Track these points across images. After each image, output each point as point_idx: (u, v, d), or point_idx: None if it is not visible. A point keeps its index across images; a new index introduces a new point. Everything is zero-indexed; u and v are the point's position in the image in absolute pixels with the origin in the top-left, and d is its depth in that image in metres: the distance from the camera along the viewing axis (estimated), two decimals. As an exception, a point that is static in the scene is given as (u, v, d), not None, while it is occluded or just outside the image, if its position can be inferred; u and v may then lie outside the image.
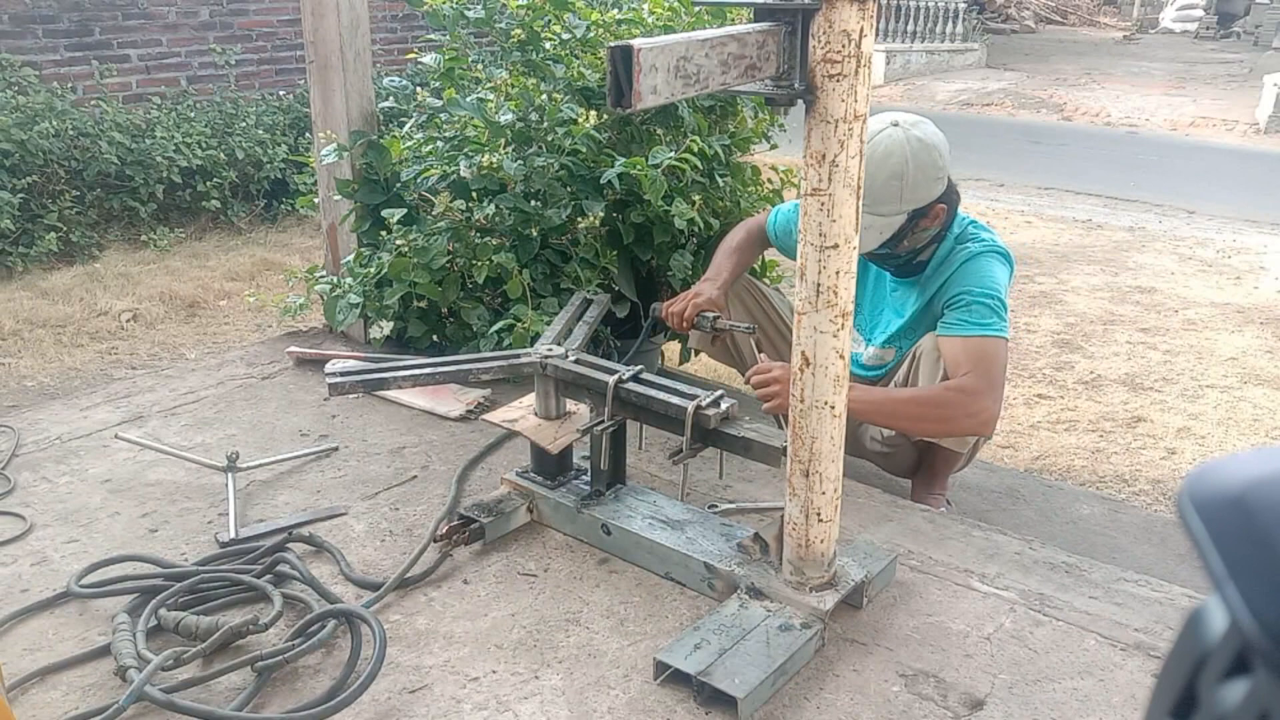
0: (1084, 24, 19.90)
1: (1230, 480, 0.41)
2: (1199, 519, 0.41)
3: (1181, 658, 0.44)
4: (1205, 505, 0.42)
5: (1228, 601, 0.40)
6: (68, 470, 2.44)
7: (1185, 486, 0.43)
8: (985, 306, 2.23)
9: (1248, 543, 0.40)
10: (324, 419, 2.73)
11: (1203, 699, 0.42)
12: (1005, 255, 2.36)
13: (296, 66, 6.55)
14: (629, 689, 1.71)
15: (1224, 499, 0.41)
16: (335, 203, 3.14)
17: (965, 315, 2.24)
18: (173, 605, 1.85)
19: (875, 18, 1.52)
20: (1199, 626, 0.43)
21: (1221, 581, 0.40)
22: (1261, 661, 0.39)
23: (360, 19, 3.09)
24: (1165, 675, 0.45)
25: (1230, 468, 0.42)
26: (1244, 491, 0.41)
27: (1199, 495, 0.42)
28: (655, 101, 1.34)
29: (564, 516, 2.15)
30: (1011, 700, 1.70)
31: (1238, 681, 0.40)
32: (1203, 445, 3.40)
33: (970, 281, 2.28)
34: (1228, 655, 0.41)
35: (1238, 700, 0.40)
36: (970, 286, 2.27)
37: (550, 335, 2.23)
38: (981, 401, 2.15)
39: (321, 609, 1.83)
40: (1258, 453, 0.43)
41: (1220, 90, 11.85)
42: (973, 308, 2.23)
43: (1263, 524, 0.40)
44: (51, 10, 5.54)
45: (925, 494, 2.51)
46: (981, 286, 2.26)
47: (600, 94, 2.91)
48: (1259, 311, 4.79)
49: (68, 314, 4.29)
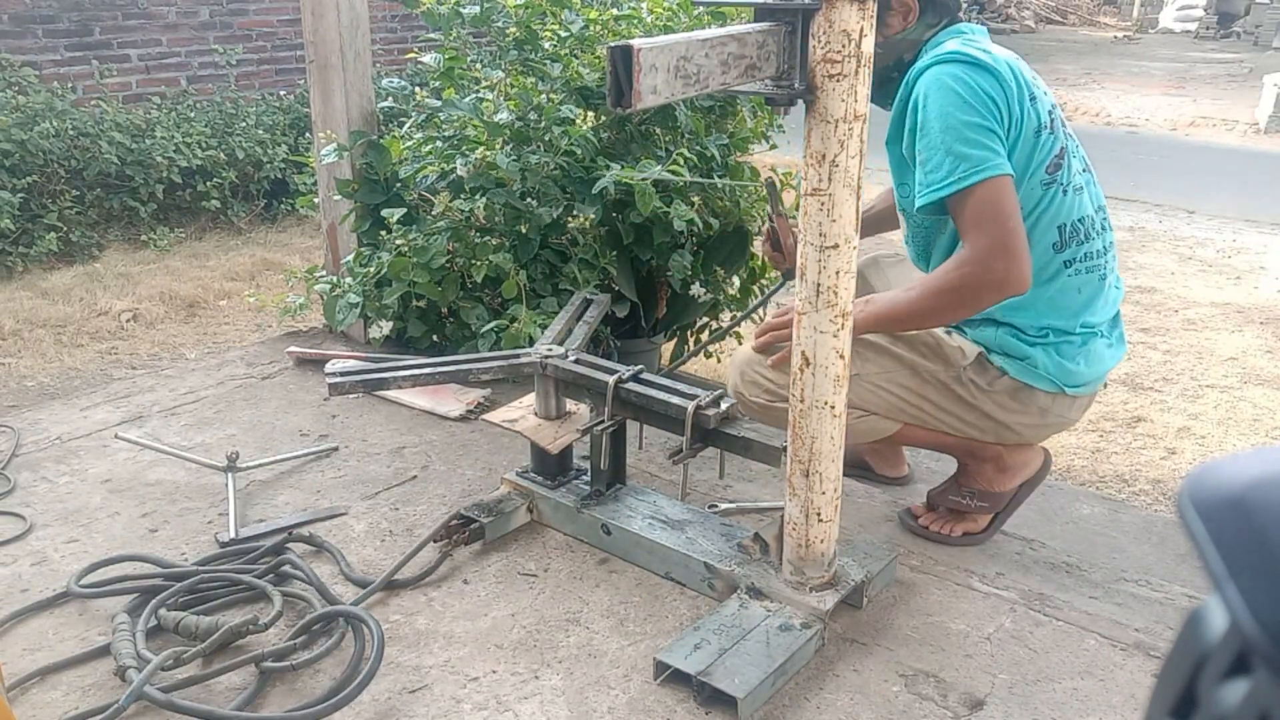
0: (1084, 24, 19.90)
1: (1230, 480, 0.41)
2: (1199, 519, 0.41)
3: (1181, 658, 0.44)
4: (1205, 505, 0.42)
5: (1228, 602, 0.40)
6: (68, 470, 2.44)
7: (1185, 486, 0.43)
8: (942, 153, 1.81)
9: (1248, 543, 0.40)
10: (324, 419, 2.73)
11: (1203, 699, 0.42)
12: (967, 61, 1.84)
13: (296, 66, 6.54)
14: (629, 689, 1.71)
15: (1224, 499, 0.41)
16: (335, 203, 3.14)
17: (924, 174, 1.86)
18: (172, 605, 1.85)
19: (875, 18, 1.52)
20: (1199, 626, 0.43)
21: (1221, 581, 0.40)
22: (1261, 662, 0.38)
23: (360, 19, 3.09)
24: (1165, 675, 0.45)
25: (1230, 468, 0.42)
26: (1244, 491, 0.41)
27: (1199, 495, 0.42)
28: (655, 101, 1.34)
29: (564, 516, 2.15)
30: (1011, 700, 1.70)
31: (1238, 682, 0.40)
32: (1203, 445, 3.40)
33: (921, 120, 1.85)
34: (1228, 655, 0.41)
35: (1238, 700, 0.40)
36: (923, 131, 1.85)
37: (550, 335, 2.23)
38: (994, 263, 1.81)
39: (322, 609, 1.83)
40: (1258, 453, 0.43)
41: (1220, 90, 11.85)
42: (929, 162, 1.84)
43: (1263, 524, 0.40)
44: (51, 10, 5.53)
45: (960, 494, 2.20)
46: (930, 131, 1.83)
47: (599, 93, 2.91)
48: (1259, 311, 4.79)
49: (68, 314, 4.28)
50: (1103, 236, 2.04)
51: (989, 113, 1.82)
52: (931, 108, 1.83)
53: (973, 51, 1.85)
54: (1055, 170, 1.94)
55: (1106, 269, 2.05)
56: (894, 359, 2.03)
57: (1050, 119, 1.95)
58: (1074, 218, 1.98)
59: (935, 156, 1.82)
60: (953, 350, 2.02)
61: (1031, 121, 1.90)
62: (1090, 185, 2.05)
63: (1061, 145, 1.96)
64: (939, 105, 1.82)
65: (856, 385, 2.01)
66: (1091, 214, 2.02)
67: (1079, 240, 1.99)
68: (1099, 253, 2.02)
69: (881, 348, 2.03)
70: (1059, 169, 1.95)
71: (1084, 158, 2.07)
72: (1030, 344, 1.99)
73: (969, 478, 2.16)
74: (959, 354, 2.02)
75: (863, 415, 2.06)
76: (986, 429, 2.06)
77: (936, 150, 1.82)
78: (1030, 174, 1.92)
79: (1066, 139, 2.00)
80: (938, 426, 2.08)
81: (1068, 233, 1.98)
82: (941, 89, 1.83)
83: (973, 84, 1.82)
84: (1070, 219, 1.98)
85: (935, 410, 2.05)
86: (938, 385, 2.03)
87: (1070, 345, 2.01)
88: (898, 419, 2.08)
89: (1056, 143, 1.95)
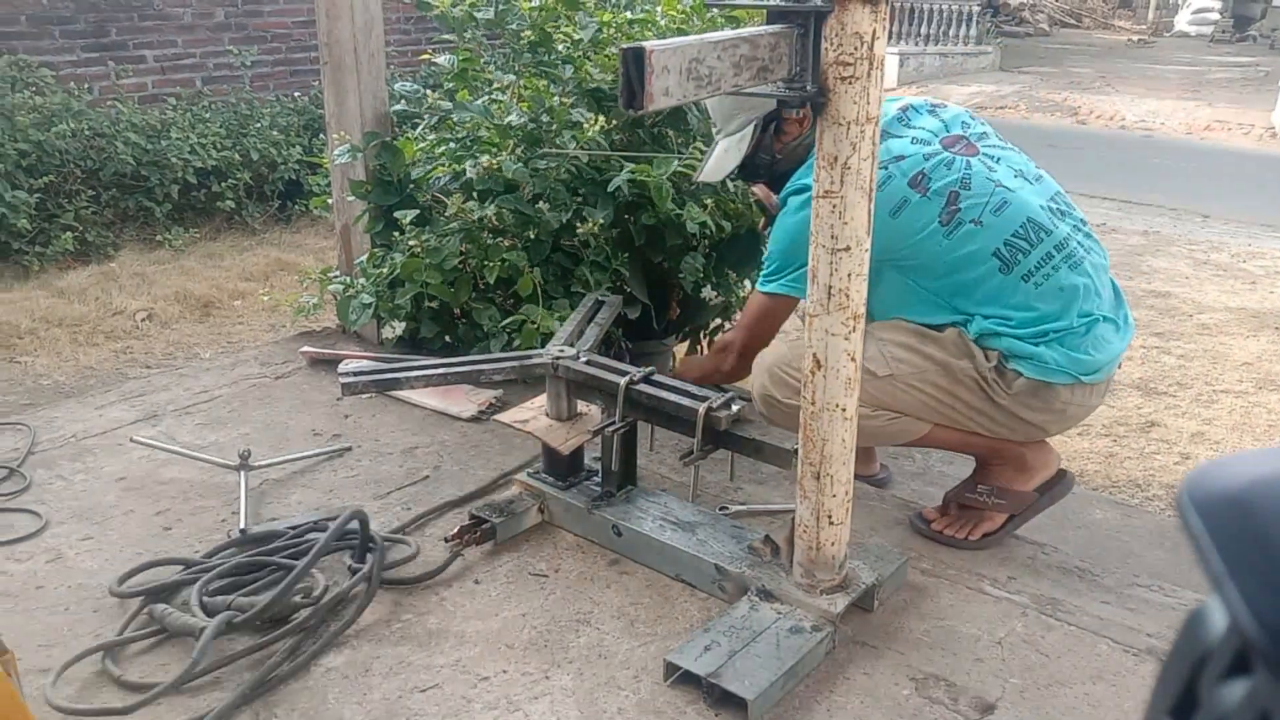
0: (1098, 27, 19.83)
1: (1230, 480, 0.41)
2: (1199, 518, 0.41)
3: (1181, 658, 0.44)
4: (1205, 505, 0.42)
5: (1227, 601, 0.40)
6: (83, 468, 2.45)
7: (1185, 486, 0.43)
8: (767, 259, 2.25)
9: (1248, 543, 0.40)
10: (337, 419, 2.74)
11: (1203, 699, 0.42)
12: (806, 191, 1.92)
13: (311, 68, 6.57)
14: (639, 690, 1.71)
15: (1224, 499, 0.41)
16: (349, 204, 3.15)
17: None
18: (213, 592, 1.88)
19: (888, 20, 1.52)
20: (1199, 626, 0.43)
21: (1221, 581, 0.40)
22: (1261, 661, 0.38)
23: (374, 21, 3.10)
24: (1165, 675, 0.45)
25: (1230, 467, 0.42)
26: (1244, 491, 0.41)
27: (1199, 495, 0.42)
28: (667, 103, 1.34)
29: (575, 517, 2.15)
30: (1023, 705, 1.69)
31: (1238, 681, 0.40)
32: (1217, 450, 3.38)
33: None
34: (1228, 655, 0.41)
35: (1238, 700, 0.40)
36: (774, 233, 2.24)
37: (562, 336, 2.24)
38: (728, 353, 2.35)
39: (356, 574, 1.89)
40: (1258, 453, 0.43)
41: (1236, 94, 11.79)
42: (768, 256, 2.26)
43: (1263, 524, 0.40)
44: (68, 11, 5.57)
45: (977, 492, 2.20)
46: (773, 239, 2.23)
47: (611, 96, 2.91)
48: (1274, 316, 4.76)
49: (83, 313, 4.31)
50: (1055, 231, 2.05)
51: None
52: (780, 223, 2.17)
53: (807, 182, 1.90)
54: (953, 215, 2.02)
55: (1075, 256, 2.05)
56: (926, 358, 2.05)
57: (920, 172, 2.03)
58: (1005, 236, 2.02)
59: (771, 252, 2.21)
60: (978, 350, 2.04)
61: (889, 203, 2.00)
62: (1024, 189, 2.07)
63: (951, 187, 2.02)
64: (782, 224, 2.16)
65: (889, 387, 2.03)
66: (1030, 218, 2.04)
67: (1024, 251, 2.01)
68: (1057, 248, 2.04)
69: (913, 348, 2.05)
70: (957, 210, 2.01)
71: (1012, 163, 2.12)
72: (1034, 344, 2.01)
73: (989, 475, 2.16)
74: (983, 356, 2.04)
75: (895, 417, 2.07)
76: (1016, 428, 2.08)
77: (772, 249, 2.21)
78: (923, 237, 2.02)
79: (965, 166, 2.04)
80: (969, 426, 2.08)
81: (1006, 253, 2.01)
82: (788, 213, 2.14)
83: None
84: (1000, 240, 2.01)
85: (967, 410, 2.06)
86: (970, 383, 2.04)
87: (1074, 336, 2.02)
88: (930, 419, 2.08)
89: (942, 188, 2.02)
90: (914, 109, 2.21)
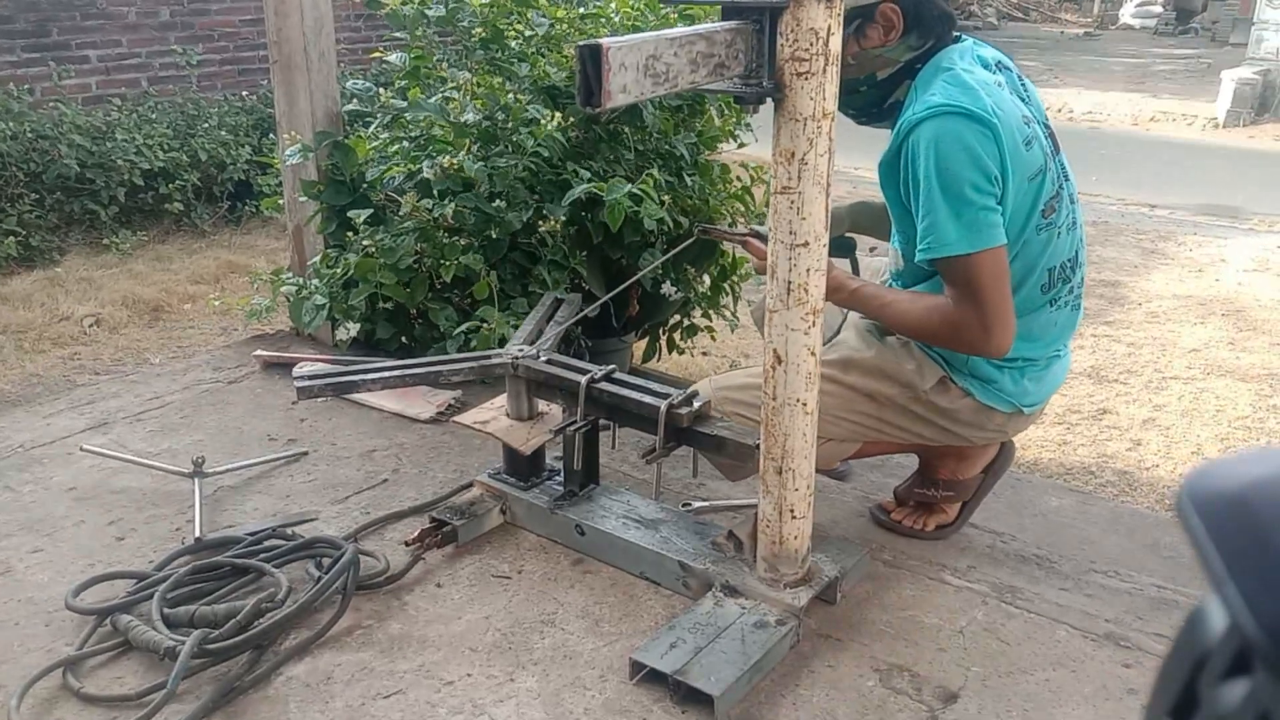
0: (1045, 20, 20.10)
1: (1230, 480, 0.41)
2: (1199, 519, 0.41)
3: (1181, 658, 0.44)
4: (1205, 505, 0.41)
5: (1227, 601, 0.40)
6: (31, 479, 2.40)
7: (1185, 486, 0.43)
8: (942, 214, 1.74)
9: (1248, 543, 0.40)
10: (292, 423, 2.70)
11: (1203, 699, 0.42)
12: (964, 114, 1.72)
13: (260, 67, 6.46)
14: (605, 690, 1.70)
15: (1224, 499, 0.41)
16: (300, 204, 3.11)
17: (924, 229, 1.78)
18: (172, 603, 1.84)
19: (842, 16, 1.52)
20: (1199, 626, 0.43)
21: (1221, 581, 0.40)
22: (1261, 661, 0.39)
23: (324, 18, 3.06)
24: (1165, 675, 0.45)
25: (1230, 468, 0.42)
26: (1244, 491, 0.41)
27: (1199, 495, 0.42)
28: (625, 100, 1.34)
29: (537, 517, 2.14)
30: (985, 692, 1.71)
31: (1238, 681, 0.40)
32: (1167, 436, 3.44)
33: (921, 176, 1.75)
34: (1228, 655, 0.41)
35: (1237, 700, 0.40)
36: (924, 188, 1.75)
37: (521, 336, 2.22)
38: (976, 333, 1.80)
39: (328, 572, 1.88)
40: (1258, 453, 0.43)
41: (1179, 85, 12.01)
42: (927, 219, 1.76)
43: (1263, 524, 0.40)
44: (7, 10, 5.43)
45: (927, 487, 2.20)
46: (930, 189, 1.74)
47: (567, 93, 2.90)
48: (1220, 304, 4.86)
49: (29, 319, 4.21)
50: (1081, 268, 2.02)
51: (987, 174, 1.73)
52: (931, 166, 1.73)
53: (968, 103, 1.73)
54: (1051, 214, 1.88)
55: (1081, 298, 2.05)
56: (851, 389, 2.00)
57: (1044, 154, 1.85)
58: (1063, 258, 1.93)
59: (934, 216, 1.74)
60: (911, 375, 1.98)
61: (1028, 168, 1.80)
62: (1078, 214, 2.01)
63: (1058, 186, 1.89)
64: (938, 164, 1.73)
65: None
66: (1079, 250, 1.99)
67: (1064, 278, 1.96)
68: (1078, 284, 2.02)
69: (837, 380, 1.98)
70: (1055, 211, 1.88)
71: (1072, 183, 2.00)
72: (999, 368, 1.97)
73: (933, 470, 2.18)
74: (917, 377, 1.97)
75: (823, 442, 1.96)
76: (943, 438, 2.06)
77: (937, 209, 1.74)
78: (1027, 222, 1.85)
79: (1060, 174, 1.93)
80: (896, 439, 2.08)
81: (1056, 274, 1.94)
82: (940, 146, 1.73)
83: (972, 142, 1.72)
84: (1060, 260, 1.93)
85: (894, 429, 2.04)
86: (895, 408, 2.01)
87: (1034, 368, 2.00)
88: (858, 440, 2.07)
89: (1053, 183, 1.88)
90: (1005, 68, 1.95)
